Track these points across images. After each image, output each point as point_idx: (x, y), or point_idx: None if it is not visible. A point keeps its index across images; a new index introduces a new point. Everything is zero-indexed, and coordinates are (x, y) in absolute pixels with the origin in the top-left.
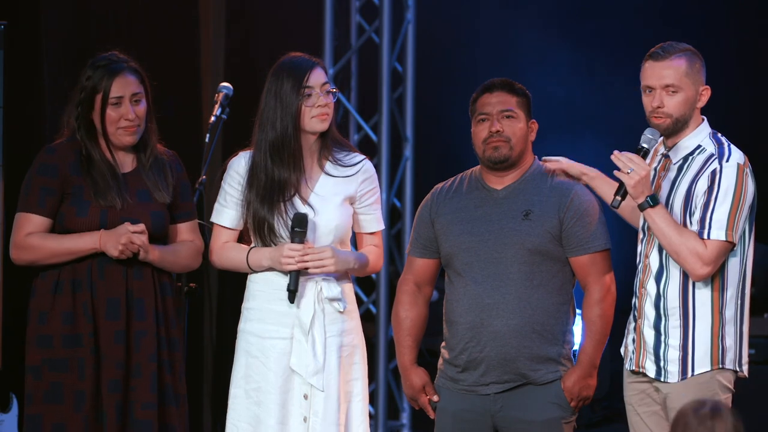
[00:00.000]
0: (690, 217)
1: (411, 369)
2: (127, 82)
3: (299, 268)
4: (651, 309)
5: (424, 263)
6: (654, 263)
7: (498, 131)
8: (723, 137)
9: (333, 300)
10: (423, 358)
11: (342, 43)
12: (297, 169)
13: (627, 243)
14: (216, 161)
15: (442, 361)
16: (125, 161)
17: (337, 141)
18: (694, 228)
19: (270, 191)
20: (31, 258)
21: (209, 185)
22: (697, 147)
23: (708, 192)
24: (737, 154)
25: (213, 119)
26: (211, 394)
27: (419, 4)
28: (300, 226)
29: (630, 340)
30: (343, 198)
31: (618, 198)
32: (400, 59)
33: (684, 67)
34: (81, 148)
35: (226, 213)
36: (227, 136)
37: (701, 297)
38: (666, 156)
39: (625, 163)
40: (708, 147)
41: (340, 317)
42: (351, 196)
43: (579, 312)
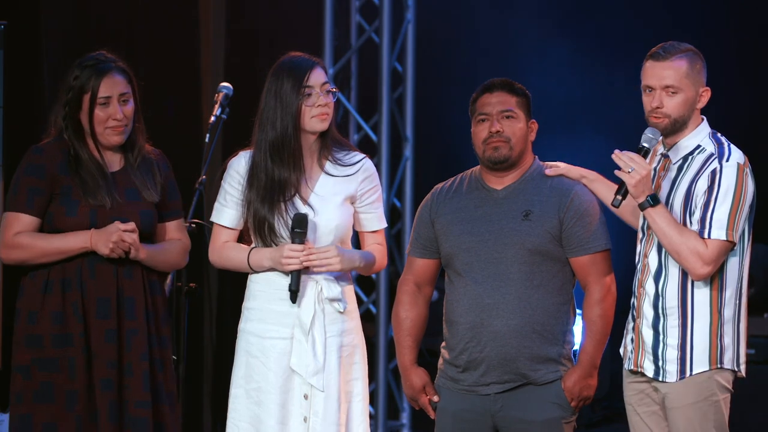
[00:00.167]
0: (690, 217)
1: (411, 369)
2: (115, 82)
3: (304, 267)
4: (650, 309)
5: (424, 263)
6: (653, 263)
7: (498, 131)
8: (723, 137)
9: (333, 300)
10: (423, 358)
11: (342, 43)
12: (297, 169)
13: (627, 243)
14: (216, 161)
15: (442, 361)
16: (113, 160)
17: (337, 141)
18: (694, 228)
19: (270, 191)
20: (21, 257)
21: (209, 185)
22: (697, 147)
23: (708, 192)
24: (737, 153)
25: (213, 119)
26: (211, 394)
27: (419, 4)
28: (300, 226)
29: (629, 339)
30: (344, 198)
31: (618, 197)
32: (400, 59)
33: (685, 68)
34: (69, 147)
35: (226, 212)
36: (227, 136)
37: (700, 297)
38: (665, 156)
39: (626, 163)
40: (708, 147)
41: (340, 317)
42: (351, 195)
43: (579, 312)
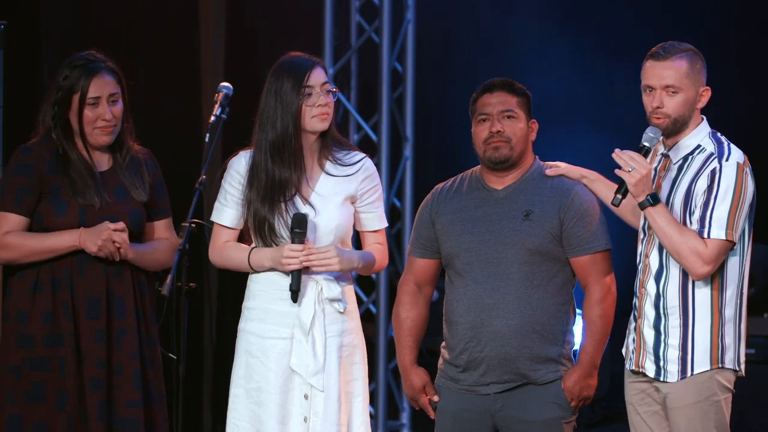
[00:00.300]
0: (690, 217)
1: (411, 369)
2: (105, 82)
3: (303, 267)
4: (651, 309)
5: (424, 263)
6: (654, 263)
7: (498, 131)
8: (723, 136)
9: (333, 300)
10: (423, 358)
11: (342, 43)
12: (298, 169)
13: (627, 243)
14: (216, 161)
15: (442, 361)
16: (101, 160)
17: (337, 140)
18: (694, 227)
19: (271, 191)
20: (10, 256)
21: (209, 185)
22: (697, 146)
23: (708, 191)
24: (737, 153)
25: (213, 119)
26: (211, 394)
27: (419, 4)
28: (299, 227)
29: (630, 340)
30: (344, 197)
31: (619, 196)
32: (400, 59)
33: (685, 68)
34: (57, 147)
35: (226, 212)
36: (227, 136)
37: (701, 297)
38: (666, 156)
39: (627, 162)
40: (708, 146)
41: (340, 317)
42: (352, 195)
43: (579, 312)
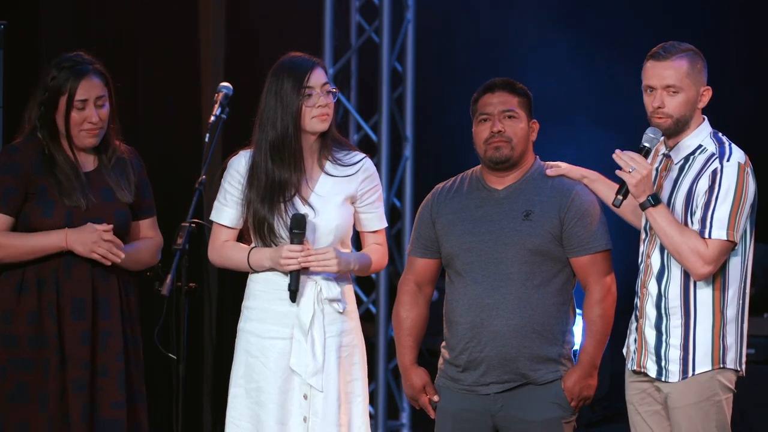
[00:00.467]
0: (691, 217)
1: (411, 369)
2: (93, 85)
3: (301, 267)
4: (652, 309)
5: (424, 263)
6: (655, 263)
7: (499, 131)
8: (724, 137)
9: (333, 300)
10: (423, 358)
11: (342, 43)
12: (297, 169)
13: (628, 243)
14: (216, 161)
15: (442, 361)
16: (87, 161)
17: (337, 141)
18: (695, 227)
19: (270, 191)
20: None
21: (209, 185)
22: (698, 147)
23: (709, 191)
24: (738, 153)
25: (213, 119)
26: (211, 394)
27: (419, 4)
28: (298, 227)
29: (632, 340)
30: (344, 198)
31: (619, 197)
32: (400, 59)
33: (685, 68)
34: (43, 147)
35: (225, 212)
36: (227, 136)
37: (702, 297)
38: (667, 156)
39: (627, 162)
40: (709, 146)
41: (339, 317)
42: (352, 195)
43: (579, 312)
